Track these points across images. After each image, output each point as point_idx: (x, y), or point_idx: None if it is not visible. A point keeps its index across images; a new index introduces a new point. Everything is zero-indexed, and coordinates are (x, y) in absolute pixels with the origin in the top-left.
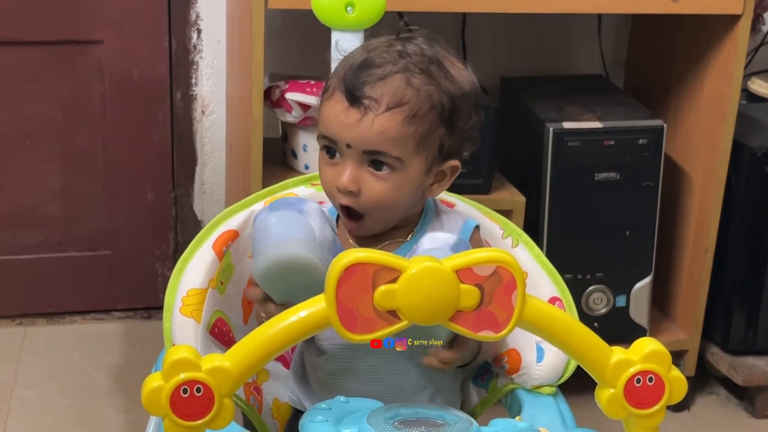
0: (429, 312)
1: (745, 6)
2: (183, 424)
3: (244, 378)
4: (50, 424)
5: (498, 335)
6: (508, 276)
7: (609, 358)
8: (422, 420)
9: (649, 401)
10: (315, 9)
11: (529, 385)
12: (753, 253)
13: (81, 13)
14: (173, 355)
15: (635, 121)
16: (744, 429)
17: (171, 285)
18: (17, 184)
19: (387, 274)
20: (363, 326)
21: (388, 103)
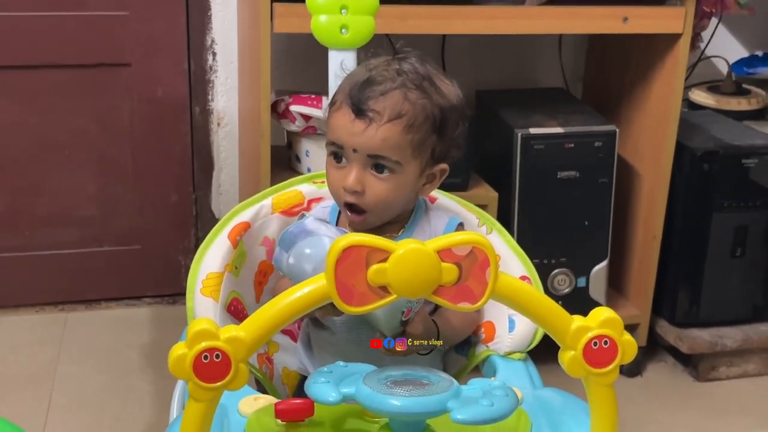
0: (415, 287)
1: (684, 26)
2: (204, 386)
3: (257, 346)
4: (89, 396)
5: (474, 306)
6: (482, 255)
7: (569, 324)
8: (410, 380)
9: (605, 361)
10: (314, 31)
11: (503, 352)
12: (695, 238)
13: (112, 41)
14: (195, 326)
15: (592, 127)
16: (689, 391)
17: (192, 269)
18: (58, 188)
19: (378, 255)
20: (358, 300)
21: (389, 115)
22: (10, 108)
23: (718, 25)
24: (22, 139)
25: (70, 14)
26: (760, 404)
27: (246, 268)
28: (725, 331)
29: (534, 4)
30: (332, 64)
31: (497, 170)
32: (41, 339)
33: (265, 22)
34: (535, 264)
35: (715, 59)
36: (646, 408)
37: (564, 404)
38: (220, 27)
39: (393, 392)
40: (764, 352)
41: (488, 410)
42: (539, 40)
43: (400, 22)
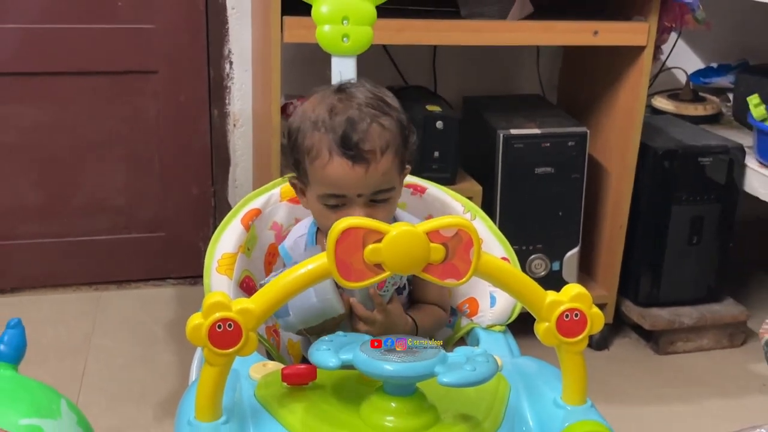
0: (406, 264)
1: (648, 39)
2: (218, 352)
3: (264, 317)
4: (120, 365)
5: (459, 282)
6: (466, 236)
7: (544, 299)
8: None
9: (575, 332)
10: (319, 39)
11: (485, 325)
12: (656, 228)
13: (141, 51)
14: (210, 299)
15: (565, 129)
16: (650, 363)
17: (209, 250)
18: (92, 181)
19: (374, 236)
20: (356, 276)
21: (381, 149)
22: (50, 110)
23: (678, 40)
24: (60, 138)
25: (105, 27)
26: (712, 375)
27: (257, 249)
28: (683, 310)
29: (515, 18)
30: (335, 69)
31: (481, 166)
32: (77, 315)
33: (276, 33)
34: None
35: (675, 70)
36: (612, 378)
37: (538, 370)
38: (236, 39)
39: (386, 358)
40: (717, 328)
41: (471, 374)
42: (519, 51)
43: (397, 34)
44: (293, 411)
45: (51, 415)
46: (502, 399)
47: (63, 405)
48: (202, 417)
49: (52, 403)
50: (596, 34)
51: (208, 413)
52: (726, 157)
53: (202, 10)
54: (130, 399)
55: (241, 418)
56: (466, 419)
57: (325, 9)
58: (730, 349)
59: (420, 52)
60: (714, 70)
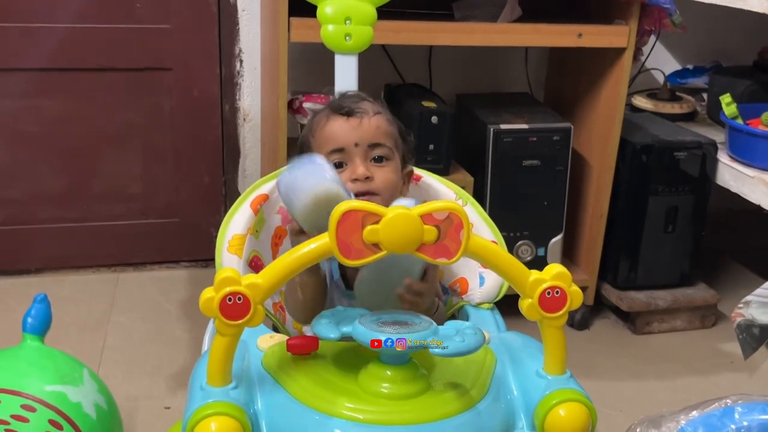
0: (401, 244)
1: (628, 42)
2: (228, 323)
3: (271, 291)
4: (136, 341)
5: (450, 261)
6: (457, 219)
7: (528, 277)
8: (397, 321)
9: (557, 308)
10: (323, 38)
11: (474, 303)
12: (634, 217)
13: (157, 49)
14: (221, 274)
15: (551, 124)
16: (627, 342)
17: (221, 231)
18: (110, 170)
19: (372, 218)
20: (355, 254)
21: (373, 111)
22: (72, 103)
23: (656, 42)
24: (81, 130)
25: (123, 26)
26: (685, 353)
27: (265, 231)
28: (658, 293)
29: (505, 21)
30: (338, 66)
31: (473, 159)
32: (97, 294)
33: (283, 33)
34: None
35: (653, 71)
36: (592, 356)
37: (523, 344)
38: (246, 38)
39: (383, 330)
40: (689, 311)
41: (460, 345)
42: (509, 51)
43: (395, 35)
44: (296, 378)
45: (74, 383)
46: (489, 369)
47: (85, 373)
48: (213, 382)
49: (74, 372)
50: (580, 36)
51: (218, 379)
52: (699, 152)
53: (214, 12)
54: (145, 371)
55: (248, 384)
56: (456, 387)
57: (329, 10)
58: (702, 330)
59: (417, 51)
60: (690, 71)
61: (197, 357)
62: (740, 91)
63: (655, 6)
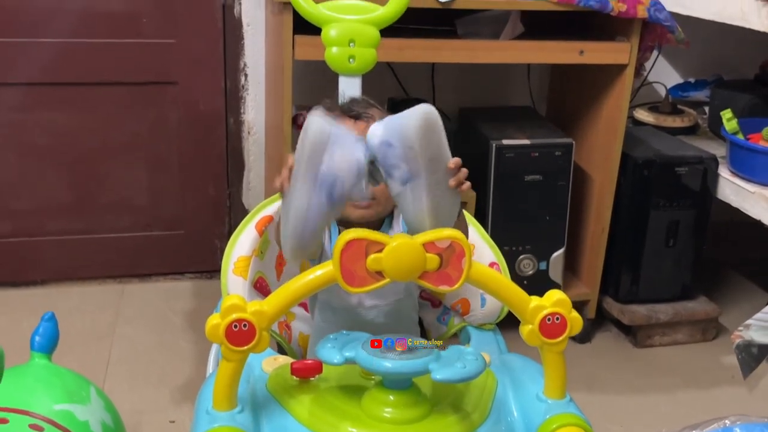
0: (404, 272)
1: (630, 58)
2: (234, 350)
3: (276, 317)
4: (141, 352)
5: (452, 288)
6: (459, 247)
7: (528, 303)
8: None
9: (557, 334)
10: (327, 60)
11: (476, 323)
12: (636, 231)
13: (162, 63)
14: (227, 301)
15: (553, 139)
16: (629, 355)
17: (226, 253)
18: (116, 182)
19: (375, 246)
20: (359, 282)
21: (380, 116)
22: (79, 116)
23: (659, 56)
24: (88, 142)
25: (129, 41)
26: (686, 367)
27: (269, 252)
28: (659, 306)
29: (507, 38)
30: (342, 87)
31: (475, 174)
32: (102, 306)
33: (288, 51)
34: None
35: (655, 84)
36: (594, 369)
37: (523, 366)
38: (250, 52)
39: (386, 356)
40: (691, 324)
41: (462, 371)
42: (511, 66)
43: (398, 52)
44: (301, 402)
45: (81, 401)
46: (490, 392)
47: (92, 391)
48: (219, 407)
49: (82, 390)
50: (582, 53)
51: (224, 403)
52: (701, 167)
53: (219, 27)
54: (150, 384)
55: (254, 407)
56: (457, 411)
57: (333, 32)
58: (703, 343)
59: (420, 67)
60: (691, 85)
61: (202, 369)
62: (741, 105)
63: (657, 23)
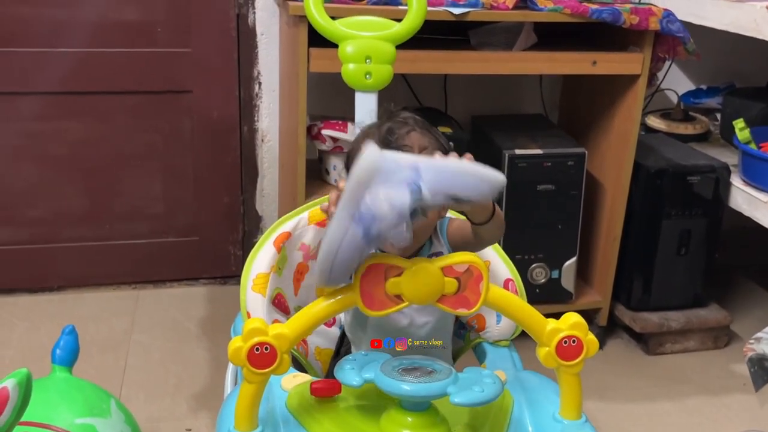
0: (423, 296)
1: (642, 69)
2: (256, 372)
3: (297, 340)
4: (157, 359)
5: (470, 311)
6: (477, 271)
7: (545, 326)
8: (418, 368)
9: (573, 356)
10: (344, 76)
11: (491, 340)
12: (648, 239)
13: (177, 72)
14: (249, 325)
15: (565, 149)
16: (640, 363)
17: (245, 270)
18: (132, 190)
19: (394, 270)
20: (378, 305)
21: (419, 147)
22: (95, 125)
23: (672, 64)
24: (104, 150)
25: (145, 50)
26: (697, 374)
27: (287, 268)
28: (671, 314)
29: (520, 48)
30: (358, 103)
31: None
32: (118, 312)
33: (303, 63)
34: (517, 259)
35: (667, 91)
36: (605, 376)
37: (539, 385)
38: (264, 61)
39: (404, 379)
40: (702, 332)
41: (480, 395)
42: (524, 76)
43: (411, 64)
44: (320, 421)
45: (102, 414)
46: (506, 412)
47: (113, 404)
48: (241, 427)
49: (102, 403)
50: (595, 64)
51: (246, 424)
52: (713, 176)
53: (233, 36)
54: (166, 391)
55: (274, 427)
56: (475, 431)
57: (350, 49)
58: (714, 351)
59: (433, 76)
60: (704, 92)
61: (217, 376)
62: (754, 113)
63: (669, 35)
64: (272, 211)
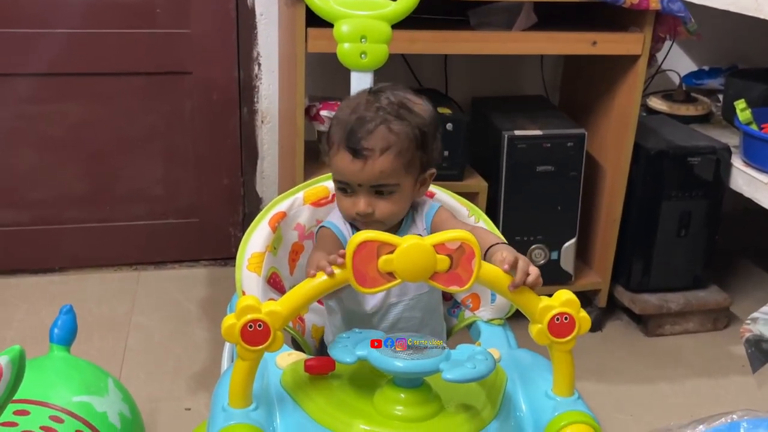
0: (415, 273)
1: (643, 49)
2: (249, 349)
3: (290, 318)
4: (157, 341)
5: (462, 289)
6: (469, 249)
7: (537, 304)
8: (411, 345)
9: (565, 333)
10: (339, 56)
11: (486, 318)
12: (648, 221)
13: (177, 53)
14: (242, 302)
15: (565, 130)
16: (639, 344)
17: (240, 250)
18: (132, 172)
19: (387, 248)
20: (371, 283)
21: (381, 149)
22: (95, 107)
23: (672, 44)
24: (104, 133)
25: (144, 31)
26: (696, 356)
27: (282, 248)
28: (670, 296)
29: (520, 28)
30: (354, 83)
31: (487, 164)
32: (119, 293)
33: (301, 44)
34: (516, 240)
35: (669, 72)
36: (604, 357)
37: (533, 363)
38: (264, 42)
39: (397, 356)
40: (702, 313)
41: (471, 371)
42: (524, 57)
43: (410, 44)
44: (314, 399)
45: (99, 393)
46: (500, 388)
47: (110, 383)
48: (234, 404)
49: (100, 382)
50: (595, 44)
51: (240, 401)
52: (713, 157)
53: (233, 17)
54: (166, 371)
55: (268, 404)
56: (468, 408)
57: (345, 28)
58: (714, 333)
59: (433, 57)
60: (706, 73)
61: (217, 357)
62: (756, 94)
63: (670, 14)
64: (272, 192)
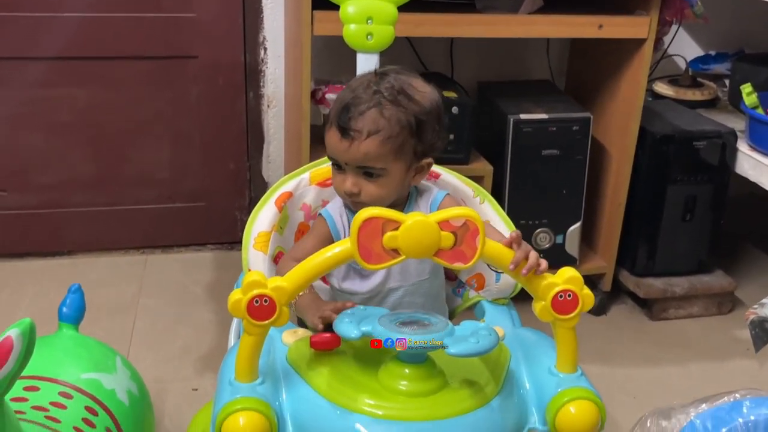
0: (419, 250)
1: (649, 32)
2: (255, 324)
3: (296, 293)
4: (164, 323)
5: (466, 265)
6: (473, 226)
7: (541, 281)
8: (415, 321)
9: (569, 310)
10: (345, 37)
11: (491, 298)
12: (653, 205)
13: (183, 37)
14: (248, 278)
15: (570, 114)
16: (644, 328)
17: (247, 229)
18: (140, 156)
19: (391, 224)
20: (375, 259)
21: (368, 132)
22: (101, 91)
23: (679, 28)
24: (111, 117)
25: (149, 15)
26: (701, 340)
27: (288, 228)
28: (675, 280)
29: (526, 11)
30: (360, 64)
31: (493, 148)
32: (126, 276)
33: (306, 26)
34: (521, 224)
35: (675, 57)
36: (609, 341)
37: (536, 341)
38: (270, 27)
39: (401, 331)
40: (706, 297)
41: (475, 346)
42: (530, 41)
43: (416, 27)
44: (320, 374)
45: (108, 370)
46: (503, 366)
47: (118, 361)
48: (241, 378)
49: (108, 360)
50: (601, 27)
51: (246, 375)
52: (719, 141)
53: (239, 1)
54: (173, 353)
55: (274, 379)
56: (471, 384)
57: (351, 9)
58: (718, 317)
59: (439, 41)
60: (712, 58)
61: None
62: (762, 79)
63: None
64: (278, 176)
